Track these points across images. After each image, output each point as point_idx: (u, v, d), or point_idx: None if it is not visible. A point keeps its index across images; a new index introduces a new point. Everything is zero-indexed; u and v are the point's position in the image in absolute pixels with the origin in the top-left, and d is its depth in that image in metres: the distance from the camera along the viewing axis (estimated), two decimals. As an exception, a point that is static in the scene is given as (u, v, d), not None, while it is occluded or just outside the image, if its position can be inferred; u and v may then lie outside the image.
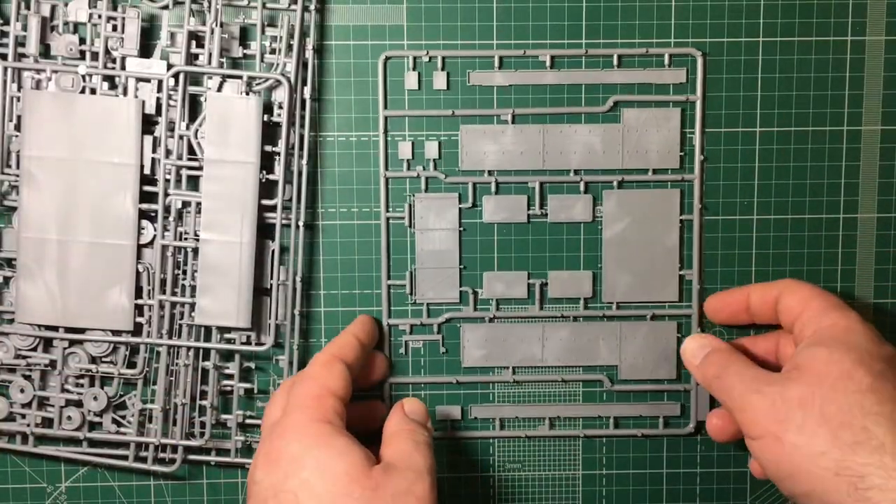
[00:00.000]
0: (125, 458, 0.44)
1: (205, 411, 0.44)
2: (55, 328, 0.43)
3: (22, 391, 0.43)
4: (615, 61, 0.44)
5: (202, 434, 0.44)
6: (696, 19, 0.44)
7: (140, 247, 0.42)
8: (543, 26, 0.44)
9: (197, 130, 0.42)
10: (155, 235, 0.42)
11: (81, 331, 0.43)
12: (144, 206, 0.42)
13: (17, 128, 0.42)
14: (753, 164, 0.45)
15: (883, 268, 0.45)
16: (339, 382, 0.39)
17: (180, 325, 0.43)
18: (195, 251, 0.42)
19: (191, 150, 0.42)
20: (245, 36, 0.43)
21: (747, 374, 0.38)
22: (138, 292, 0.43)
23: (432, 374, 0.46)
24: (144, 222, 0.43)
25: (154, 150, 0.42)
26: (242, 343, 0.43)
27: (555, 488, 0.46)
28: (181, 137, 0.42)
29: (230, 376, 0.44)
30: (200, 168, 0.42)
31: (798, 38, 0.44)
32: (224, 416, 0.44)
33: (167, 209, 0.42)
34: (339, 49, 0.44)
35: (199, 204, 0.42)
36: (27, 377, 0.43)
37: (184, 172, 0.42)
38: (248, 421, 0.45)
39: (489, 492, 0.46)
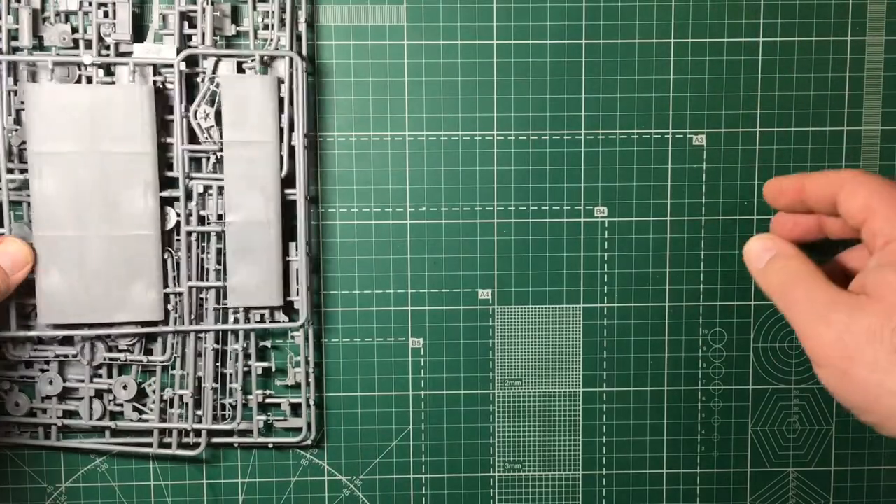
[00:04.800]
0: (149, 445, 0.44)
1: (226, 394, 0.44)
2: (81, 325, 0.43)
3: (51, 383, 0.43)
4: None
5: (223, 416, 0.44)
6: (696, 19, 0.44)
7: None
8: (543, 25, 0.44)
9: (202, 112, 0.42)
10: (178, 222, 0.42)
11: (110, 325, 0.43)
12: (165, 193, 0.42)
13: (17, 122, 0.42)
14: (753, 164, 0.45)
15: (883, 268, 0.45)
16: None
17: (204, 310, 0.43)
18: (218, 234, 0.43)
19: (191, 132, 0.43)
20: (236, 13, 0.43)
21: (816, 294, 0.34)
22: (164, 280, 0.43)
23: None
24: (166, 208, 0.43)
25: (169, 136, 0.42)
26: (271, 322, 0.44)
27: (555, 488, 0.46)
28: (204, 117, 0.42)
29: (248, 356, 0.44)
30: (210, 151, 0.42)
31: (798, 38, 0.44)
32: (244, 397, 0.45)
33: (188, 194, 0.42)
34: (339, 49, 0.44)
35: (208, 188, 0.43)
36: (44, 371, 0.44)
37: (188, 155, 0.43)
38: (269, 400, 0.45)
39: (489, 492, 0.46)
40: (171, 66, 0.42)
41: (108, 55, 0.42)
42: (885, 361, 0.32)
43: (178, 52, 0.41)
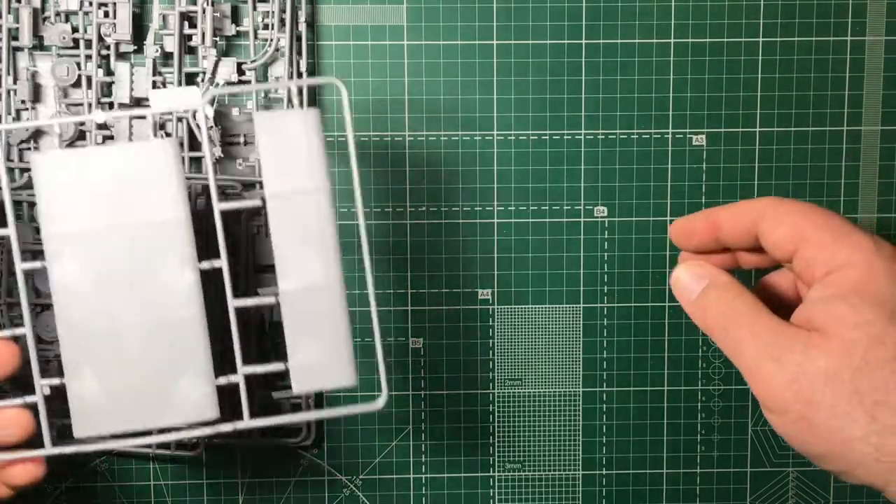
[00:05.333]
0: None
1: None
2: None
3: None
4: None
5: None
6: (696, 19, 0.44)
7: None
8: (543, 25, 0.44)
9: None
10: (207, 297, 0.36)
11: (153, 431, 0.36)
12: (205, 264, 0.34)
13: (17, 118, 0.42)
14: (753, 164, 0.45)
15: (883, 268, 0.45)
16: None
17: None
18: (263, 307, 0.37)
19: (190, 133, 0.42)
20: (236, 13, 0.43)
21: (762, 330, 0.31)
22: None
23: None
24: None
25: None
26: (352, 404, 0.37)
27: (555, 488, 0.46)
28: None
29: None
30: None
31: (798, 38, 0.44)
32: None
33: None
34: (339, 49, 0.44)
35: (206, 188, 0.41)
36: (45, 370, 0.43)
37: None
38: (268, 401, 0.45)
39: (489, 492, 0.46)
40: (169, 68, 0.42)
41: (111, 100, 0.42)
42: (845, 405, 0.29)
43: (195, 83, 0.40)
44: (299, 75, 0.42)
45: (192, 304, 0.34)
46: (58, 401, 0.38)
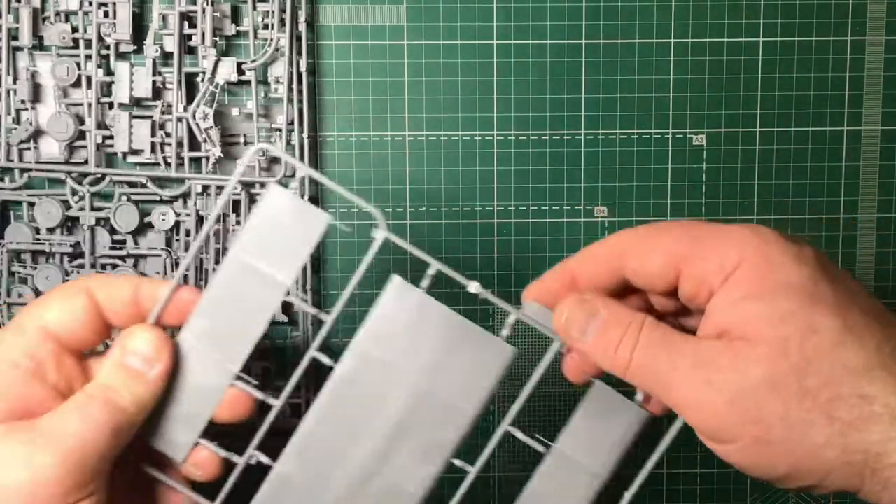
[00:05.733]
0: None
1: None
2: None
3: None
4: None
5: None
6: (696, 19, 0.44)
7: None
8: (543, 25, 0.44)
9: (201, 112, 0.42)
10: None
11: None
12: (459, 463, 0.33)
13: (17, 120, 0.42)
14: (753, 164, 0.45)
15: (883, 268, 0.45)
16: (60, 315, 0.30)
17: None
18: None
19: (189, 132, 0.42)
20: (236, 13, 0.43)
21: (679, 354, 0.27)
22: None
23: None
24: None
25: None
26: None
27: (555, 488, 0.46)
28: (203, 117, 0.42)
29: None
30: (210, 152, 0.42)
31: (798, 38, 0.45)
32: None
33: None
34: (339, 49, 0.44)
35: (206, 188, 0.42)
36: None
37: (189, 155, 0.42)
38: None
39: (489, 492, 0.46)
40: (169, 68, 0.42)
41: (111, 100, 0.42)
42: (798, 412, 0.26)
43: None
44: (299, 76, 0.42)
45: (416, 490, 0.34)
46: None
